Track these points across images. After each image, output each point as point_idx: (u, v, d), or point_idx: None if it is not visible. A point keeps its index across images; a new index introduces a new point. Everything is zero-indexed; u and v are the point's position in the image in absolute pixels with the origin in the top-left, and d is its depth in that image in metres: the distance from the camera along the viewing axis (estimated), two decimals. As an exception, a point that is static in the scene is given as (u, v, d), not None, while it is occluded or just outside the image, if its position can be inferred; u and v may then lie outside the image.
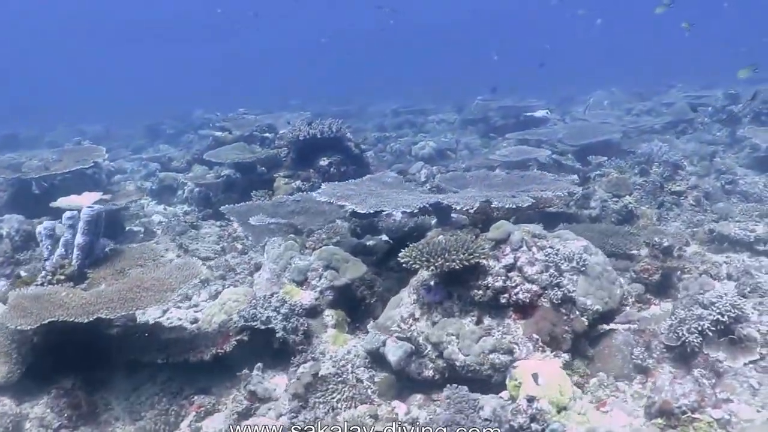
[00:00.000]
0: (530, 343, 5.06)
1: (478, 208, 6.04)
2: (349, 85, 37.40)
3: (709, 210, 9.92)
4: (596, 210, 9.45)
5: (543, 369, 4.70)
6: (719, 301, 5.35)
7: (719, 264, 8.12)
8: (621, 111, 19.01)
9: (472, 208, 5.92)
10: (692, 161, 12.95)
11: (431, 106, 22.04)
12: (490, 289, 5.26)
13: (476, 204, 5.94)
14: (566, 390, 4.59)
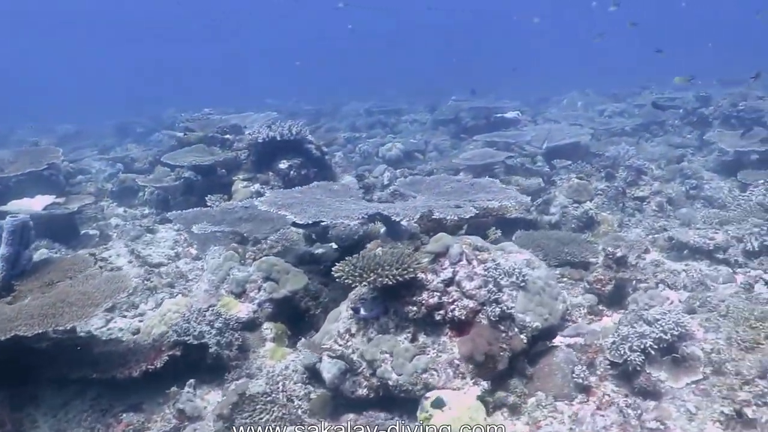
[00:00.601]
0: (450, 369, 4.82)
1: (418, 219, 5.78)
2: (327, 84, 37.05)
3: (673, 216, 9.74)
4: (556, 216, 9.25)
5: (455, 400, 4.47)
6: (663, 318, 5.15)
7: (678, 272, 7.94)
8: (594, 112, 18.85)
9: (412, 219, 5.67)
10: (660, 164, 12.79)
11: (405, 106, 21.80)
12: (424, 306, 5.02)
13: (416, 215, 5.69)
14: (478, 421, 4.36)
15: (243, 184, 10.55)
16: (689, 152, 13.63)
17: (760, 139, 13.03)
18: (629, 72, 25.64)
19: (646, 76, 23.73)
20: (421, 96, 23.70)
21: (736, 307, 5.61)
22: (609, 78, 24.59)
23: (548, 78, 29.27)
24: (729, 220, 9.02)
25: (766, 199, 9.28)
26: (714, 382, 4.77)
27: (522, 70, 23.96)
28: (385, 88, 30.48)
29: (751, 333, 4.99)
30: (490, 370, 4.91)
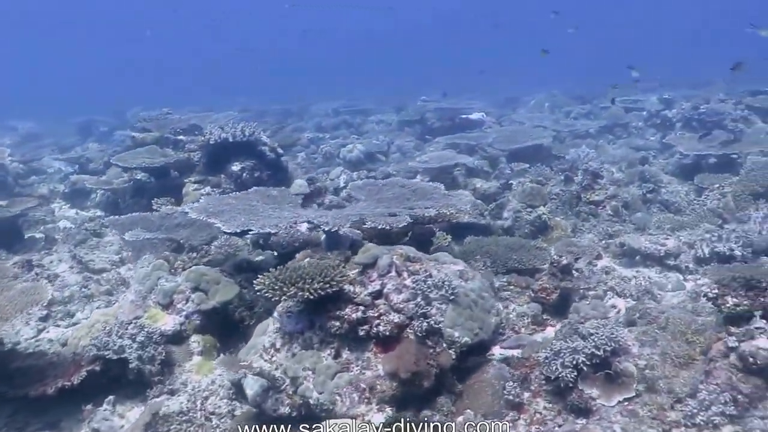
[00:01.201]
0: (356, 393, 4.56)
1: (356, 226, 5.52)
2: (300, 83, 36.60)
3: (628, 220, 9.56)
4: (509, 221, 9.03)
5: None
6: (597, 332, 4.93)
7: (628, 279, 7.75)
8: (561, 114, 18.67)
9: (341, 228, 5.40)
10: (620, 167, 12.63)
11: (373, 106, 21.51)
12: (346, 321, 4.75)
13: (347, 224, 5.43)
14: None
15: (194, 186, 10.22)
16: (651, 155, 13.48)
17: (720, 142, 12.94)
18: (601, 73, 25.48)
19: (615, 78, 23.67)
20: (392, 96, 23.42)
21: (676, 319, 5.40)
22: (579, 78, 24.44)
23: (520, 77, 29.05)
24: (682, 226, 8.87)
25: (720, 204, 9.14)
26: (646, 401, 4.55)
27: (494, 70, 23.75)
28: (357, 88, 30.21)
29: (686, 348, 4.78)
30: (416, 388, 4.66)
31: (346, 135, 16.91)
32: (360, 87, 31.01)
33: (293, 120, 21.04)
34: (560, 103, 19.85)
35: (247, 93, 29.10)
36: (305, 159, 15.20)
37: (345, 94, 27.05)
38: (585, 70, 28.58)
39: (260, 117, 21.88)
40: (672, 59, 31.25)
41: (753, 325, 4.46)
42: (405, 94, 23.72)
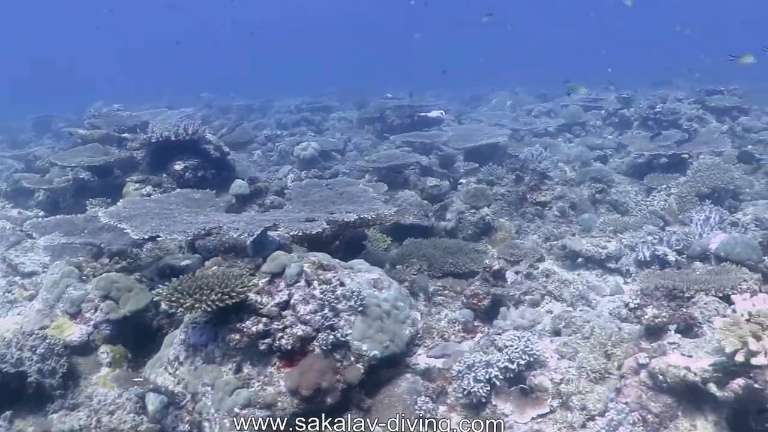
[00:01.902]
0: (227, 419, 4.25)
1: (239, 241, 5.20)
2: (267, 79, 36.04)
3: (575, 221, 9.34)
4: (452, 222, 8.76)
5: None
6: (512, 344, 4.67)
7: (569, 283, 7.53)
8: (522, 112, 18.45)
9: (252, 235, 5.08)
10: (574, 166, 12.42)
11: (336, 103, 21.13)
12: (245, 335, 4.45)
13: (258, 230, 5.11)
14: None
15: (135, 186, 9.81)
16: (608, 154, 13.30)
17: (675, 141, 12.79)
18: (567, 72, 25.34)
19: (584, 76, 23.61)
20: (357, 94, 23.06)
21: (600, 328, 5.17)
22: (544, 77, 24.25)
23: (485, 76, 28.85)
24: (626, 227, 8.66)
25: (663, 206, 8.95)
26: (557, 418, 4.31)
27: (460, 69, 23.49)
28: (323, 84, 29.78)
29: (603, 362, 4.54)
30: (319, 405, 4.37)
31: (305, 132, 16.55)
32: (326, 83, 30.58)
33: (256, 116, 20.62)
34: (523, 102, 19.66)
35: (211, 88, 28.58)
36: (261, 157, 14.83)
37: (311, 90, 26.65)
38: (552, 69, 28.37)
39: (223, 113, 21.48)
40: (638, 59, 31.21)
41: (666, 340, 4.22)
42: (370, 91, 23.43)
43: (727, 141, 11.52)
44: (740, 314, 3.73)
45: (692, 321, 4.48)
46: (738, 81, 16.25)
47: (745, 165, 11.03)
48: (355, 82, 28.78)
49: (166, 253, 7.32)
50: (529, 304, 6.89)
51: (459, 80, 27.27)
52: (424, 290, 6.94)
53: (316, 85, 30.17)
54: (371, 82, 26.70)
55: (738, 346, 3.50)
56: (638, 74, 24.71)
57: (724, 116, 14.44)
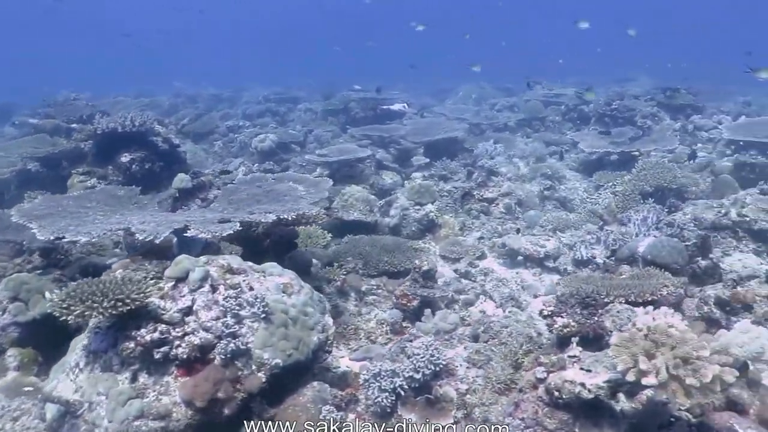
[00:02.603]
0: (120, 430, 4.00)
1: (164, 240, 4.91)
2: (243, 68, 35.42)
3: (521, 218, 9.13)
4: (395, 219, 8.51)
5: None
6: (419, 353, 4.43)
7: (507, 281, 7.33)
8: (486, 105, 18.20)
9: (158, 237, 4.79)
10: (528, 162, 12.21)
11: (304, 94, 20.71)
12: (139, 343, 4.16)
13: (166, 232, 4.82)
14: None
15: (80, 178, 9.44)
16: (564, 149, 13.08)
17: (629, 138, 12.62)
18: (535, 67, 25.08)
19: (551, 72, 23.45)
20: (327, 86, 22.65)
21: (519, 334, 4.95)
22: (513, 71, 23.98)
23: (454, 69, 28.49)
24: (568, 225, 8.46)
25: (602, 205, 8.75)
26: (460, 430, 4.08)
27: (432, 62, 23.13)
28: (295, 75, 29.26)
29: (509, 372, 4.32)
30: (216, 416, 4.11)
31: (267, 123, 16.16)
32: (299, 74, 30.10)
33: (224, 106, 20.16)
34: (488, 95, 19.40)
35: (185, 78, 28.01)
36: (222, 147, 14.47)
37: (282, 80, 26.21)
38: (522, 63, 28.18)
39: (192, 102, 21.04)
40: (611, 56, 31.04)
41: (567, 353, 4.00)
42: (340, 83, 23.06)
43: (675, 139, 11.33)
44: (639, 329, 3.51)
45: (601, 331, 4.26)
46: (699, 80, 16.14)
47: (694, 164, 10.89)
48: (335, 74, 28.23)
49: (100, 250, 7.01)
50: (463, 304, 6.69)
51: (432, 72, 26.94)
52: (356, 290, 6.71)
53: (299, 76, 29.67)
54: (349, 75, 26.19)
55: (630, 365, 3.28)
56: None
57: (679, 114, 14.28)
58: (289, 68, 35.25)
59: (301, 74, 29.70)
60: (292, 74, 30.08)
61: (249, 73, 32.22)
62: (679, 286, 5.72)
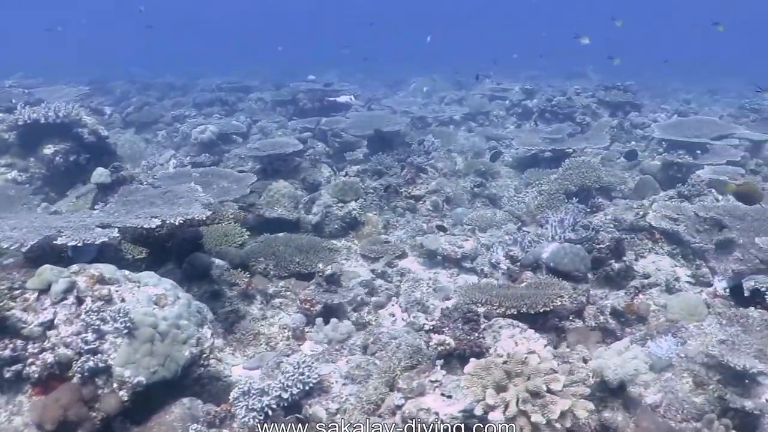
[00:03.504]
0: None
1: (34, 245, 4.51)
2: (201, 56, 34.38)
3: (448, 216, 8.86)
4: (317, 216, 8.17)
5: None
6: (291, 369, 4.12)
7: (422, 282, 7.06)
8: (436, 98, 17.89)
9: (23, 246, 4.39)
10: (466, 157, 11.94)
11: (258, 83, 20.15)
12: (-16, 362, 3.79)
13: (31, 242, 4.43)
14: None
15: (0, 170, 8.95)
16: (503, 145, 12.84)
17: (567, 134, 12.42)
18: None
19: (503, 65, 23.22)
20: (285, 76, 22.11)
21: (408, 346, 4.66)
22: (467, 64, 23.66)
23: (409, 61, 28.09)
24: (491, 225, 8.21)
25: (531, 204, 8.51)
26: (324, 454, 3.79)
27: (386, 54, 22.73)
28: (254, 63, 28.47)
29: (382, 392, 4.03)
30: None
31: (211, 114, 15.60)
32: (258, 62, 29.34)
33: (176, 94, 19.56)
34: (439, 88, 19.07)
35: (143, 65, 27.15)
36: (166, 138, 13.94)
37: (240, 69, 25.54)
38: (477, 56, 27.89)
39: (144, 90, 20.36)
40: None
41: (428, 377, 3.72)
42: (300, 72, 22.54)
43: (606, 137, 11.14)
44: (499, 355, 3.24)
45: (477, 349, 3.98)
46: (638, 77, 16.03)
47: (627, 162, 10.73)
48: (296, 63, 27.59)
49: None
50: (374, 307, 6.41)
51: (381, 66, 26.53)
52: (261, 293, 6.37)
53: (247, 63, 28.97)
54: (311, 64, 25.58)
55: (480, 397, 3.01)
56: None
57: (618, 111, 14.14)
58: (256, 57, 34.39)
59: (268, 63, 28.92)
60: (259, 62, 29.25)
61: (216, 60, 31.34)
62: (581, 293, 5.51)
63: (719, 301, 5.51)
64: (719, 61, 33.57)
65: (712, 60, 34.28)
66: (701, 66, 30.77)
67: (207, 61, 29.91)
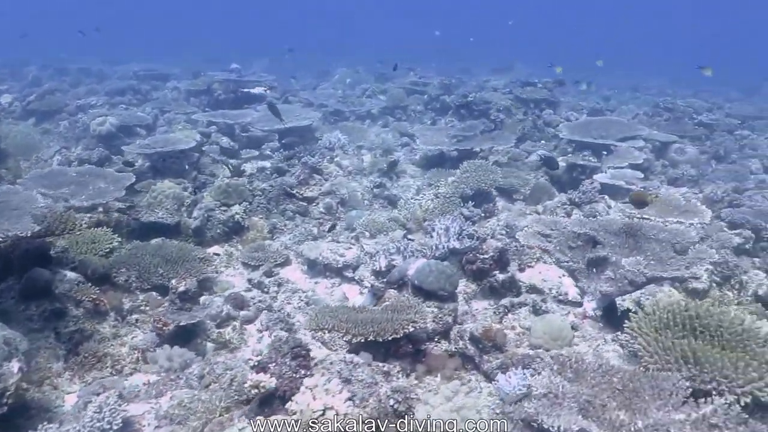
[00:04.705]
0: None
1: None
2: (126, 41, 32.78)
3: (342, 219, 8.43)
4: (198, 221, 7.63)
5: None
6: (90, 412, 3.63)
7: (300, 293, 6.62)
8: (358, 90, 17.38)
9: None
10: (375, 154, 11.53)
11: (177, 71, 19.25)
12: None
13: None
14: None
15: None
16: (416, 142, 12.45)
17: (480, 131, 12.13)
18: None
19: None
20: (211, 63, 21.24)
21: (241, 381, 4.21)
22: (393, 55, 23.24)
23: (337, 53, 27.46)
24: (382, 230, 7.82)
25: (418, 210, 8.14)
26: None
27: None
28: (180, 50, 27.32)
29: (191, 438, 3.58)
30: None
31: (123, 103, 14.78)
32: (191, 48, 28.22)
33: (91, 81, 18.54)
34: (362, 80, 18.58)
35: (68, 50, 25.68)
36: (68, 128, 13.06)
37: (161, 56, 24.49)
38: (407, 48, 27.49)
39: (59, 75, 19.28)
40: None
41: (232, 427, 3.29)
42: (225, 59, 21.70)
43: (512, 137, 10.88)
44: (291, 412, 2.83)
45: (298, 392, 3.57)
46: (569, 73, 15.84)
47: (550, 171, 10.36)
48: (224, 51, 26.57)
49: None
50: (241, 322, 5.95)
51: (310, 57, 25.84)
52: (116, 309, 5.83)
53: (171, 49, 27.83)
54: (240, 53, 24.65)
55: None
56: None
57: (535, 109, 13.94)
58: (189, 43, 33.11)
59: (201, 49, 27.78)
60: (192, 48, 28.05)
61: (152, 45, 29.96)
62: (447, 313, 5.18)
63: (588, 323, 5.25)
64: (647, 58, 34.08)
65: (642, 56, 34.79)
66: (631, 62, 31.14)
67: (140, 46, 28.57)
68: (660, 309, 4.31)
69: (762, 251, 7.37)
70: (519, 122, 12.83)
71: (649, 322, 4.23)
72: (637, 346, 4.05)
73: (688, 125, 13.66)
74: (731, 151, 12.23)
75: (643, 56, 34.87)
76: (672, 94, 20.23)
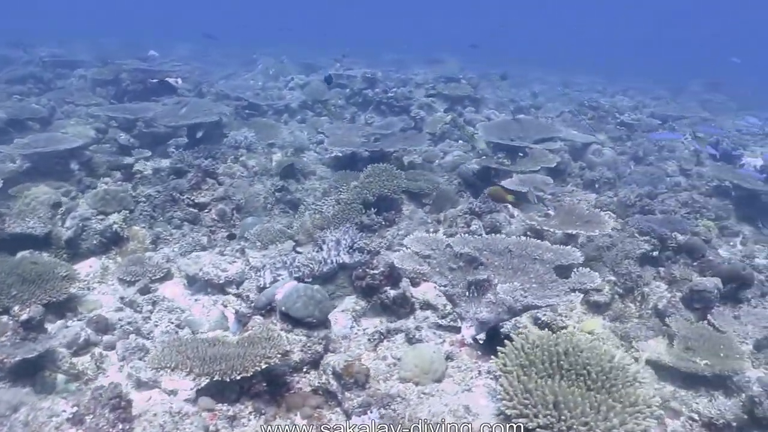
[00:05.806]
0: None
1: None
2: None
3: (237, 226, 8.00)
4: (71, 231, 7.08)
5: None
6: None
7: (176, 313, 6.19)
8: (281, 82, 16.82)
9: None
10: (287, 153, 11.09)
11: (89, 58, 18.23)
12: None
13: None
14: None
15: None
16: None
17: (400, 129, 11.84)
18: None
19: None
20: (130, 48, 20.25)
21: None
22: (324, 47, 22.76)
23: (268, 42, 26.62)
24: (274, 240, 7.42)
25: (308, 221, 7.77)
26: None
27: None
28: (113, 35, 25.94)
29: None
30: None
31: (17, 93, 13.80)
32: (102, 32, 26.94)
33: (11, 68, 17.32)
34: (286, 71, 18.02)
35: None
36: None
37: (76, 39, 23.24)
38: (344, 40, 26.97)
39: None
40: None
41: None
42: (144, 45, 20.79)
43: (425, 138, 10.60)
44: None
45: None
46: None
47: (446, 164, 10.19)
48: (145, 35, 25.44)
49: None
50: (104, 347, 5.48)
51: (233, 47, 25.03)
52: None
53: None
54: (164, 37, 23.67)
55: None
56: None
57: (457, 106, 13.74)
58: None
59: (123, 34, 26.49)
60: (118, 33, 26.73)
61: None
62: (317, 341, 4.85)
63: (466, 351, 4.99)
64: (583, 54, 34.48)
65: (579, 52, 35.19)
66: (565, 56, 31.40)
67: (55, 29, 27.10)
68: (529, 343, 4.07)
69: (667, 260, 7.32)
70: (440, 120, 12.58)
71: (515, 358, 3.98)
72: (499, 388, 3.79)
73: (611, 125, 13.69)
74: (650, 153, 12.26)
75: (580, 52, 35.27)
76: (602, 91, 20.41)
